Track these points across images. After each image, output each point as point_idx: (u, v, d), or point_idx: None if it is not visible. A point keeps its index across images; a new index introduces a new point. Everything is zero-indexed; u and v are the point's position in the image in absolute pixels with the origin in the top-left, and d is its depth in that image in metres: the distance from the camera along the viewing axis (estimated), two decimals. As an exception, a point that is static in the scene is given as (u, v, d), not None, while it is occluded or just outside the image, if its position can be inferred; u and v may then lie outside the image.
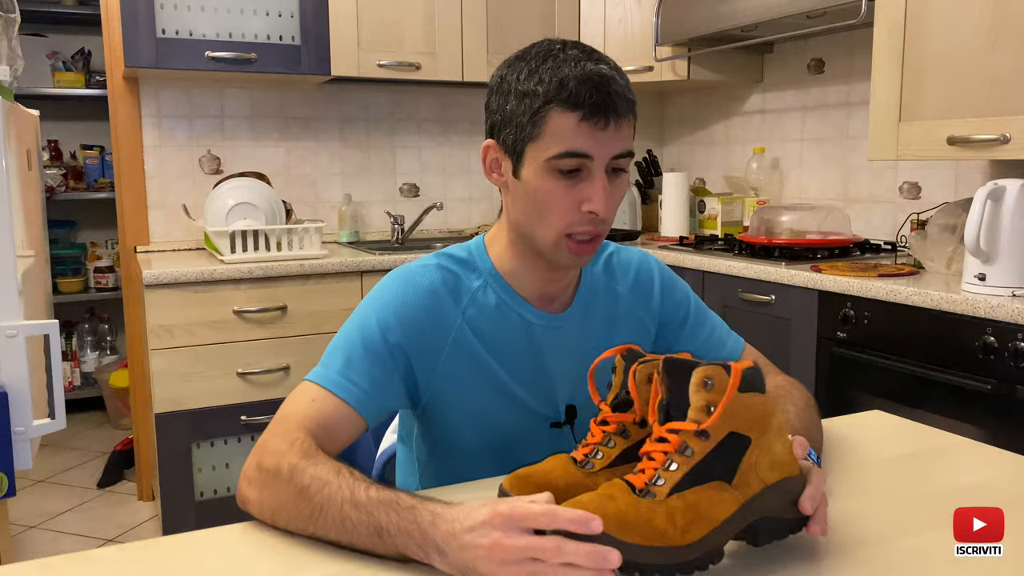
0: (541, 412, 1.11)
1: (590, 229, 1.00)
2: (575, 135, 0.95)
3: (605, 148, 0.96)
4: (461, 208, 3.31)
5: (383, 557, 0.79)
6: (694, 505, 0.74)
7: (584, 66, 0.96)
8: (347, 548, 0.81)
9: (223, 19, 2.57)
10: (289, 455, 0.88)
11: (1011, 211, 1.76)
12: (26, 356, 1.38)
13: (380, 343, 1.01)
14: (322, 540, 0.83)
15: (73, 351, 3.84)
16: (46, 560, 0.82)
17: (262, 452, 0.91)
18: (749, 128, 3.13)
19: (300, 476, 0.85)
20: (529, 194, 1.00)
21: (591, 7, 3.03)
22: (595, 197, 0.97)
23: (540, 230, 1.01)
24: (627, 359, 0.90)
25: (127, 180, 2.80)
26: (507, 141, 1.01)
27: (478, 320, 1.07)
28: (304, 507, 0.83)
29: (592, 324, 1.13)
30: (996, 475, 1.05)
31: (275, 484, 0.86)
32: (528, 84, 0.98)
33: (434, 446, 1.14)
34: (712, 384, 0.76)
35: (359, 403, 0.98)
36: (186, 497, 2.43)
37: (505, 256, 1.09)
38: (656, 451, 0.77)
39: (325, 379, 0.99)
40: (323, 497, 0.82)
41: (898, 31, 2.06)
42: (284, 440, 0.90)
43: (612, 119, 0.95)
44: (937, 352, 1.83)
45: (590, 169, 0.97)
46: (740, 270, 2.34)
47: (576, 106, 0.95)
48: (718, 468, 0.76)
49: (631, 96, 0.98)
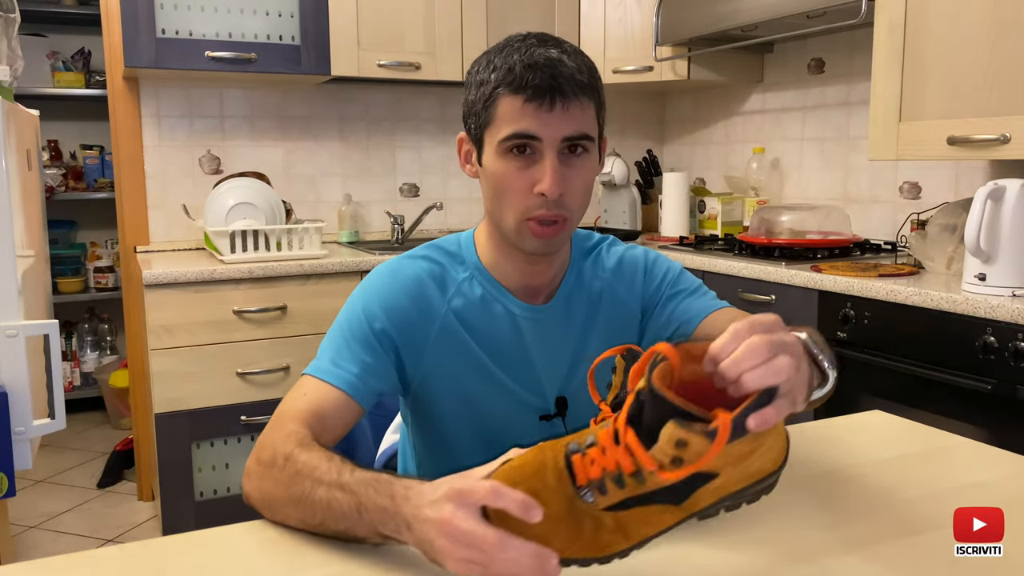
0: (530, 404, 1.12)
1: (545, 213, 1.00)
2: (521, 117, 0.98)
3: (552, 129, 0.98)
4: (461, 208, 3.31)
5: (362, 541, 0.80)
6: (625, 526, 0.69)
7: (533, 51, 0.98)
8: (330, 536, 0.82)
9: (223, 19, 2.57)
10: (284, 445, 0.89)
11: (1011, 211, 1.76)
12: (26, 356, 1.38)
13: (367, 330, 1.04)
14: (311, 529, 0.84)
15: (73, 351, 3.84)
16: (46, 560, 0.82)
17: (260, 447, 0.93)
18: (749, 128, 3.13)
19: (294, 463, 0.86)
20: (489, 179, 1.03)
21: (591, 7, 3.03)
22: (544, 178, 0.98)
23: (503, 215, 1.03)
24: (627, 359, 0.90)
25: (127, 180, 2.80)
26: (471, 130, 1.05)
27: (464, 311, 1.08)
28: (295, 490, 0.84)
29: (574, 314, 1.13)
30: (996, 475, 1.05)
31: (271, 474, 0.88)
32: (484, 74, 1.01)
33: (427, 436, 1.15)
34: (686, 447, 0.64)
35: (351, 387, 1.00)
36: (186, 497, 2.43)
37: (488, 248, 1.11)
38: (612, 453, 0.68)
39: (317, 370, 1.02)
40: (313, 480, 0.83)
41: (898, 31, 2.06)
42: (280, 433, 0.92)
43: (559, 99, 0.97)
44: (937, 352, 1.83)
45: (540, 151, 0.99)
46: (740, 270, 2.34)
47: (520, 88, 0.97)
48: (669, 496, 0.69)
49: (582, 78, 0.98)
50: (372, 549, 0.82)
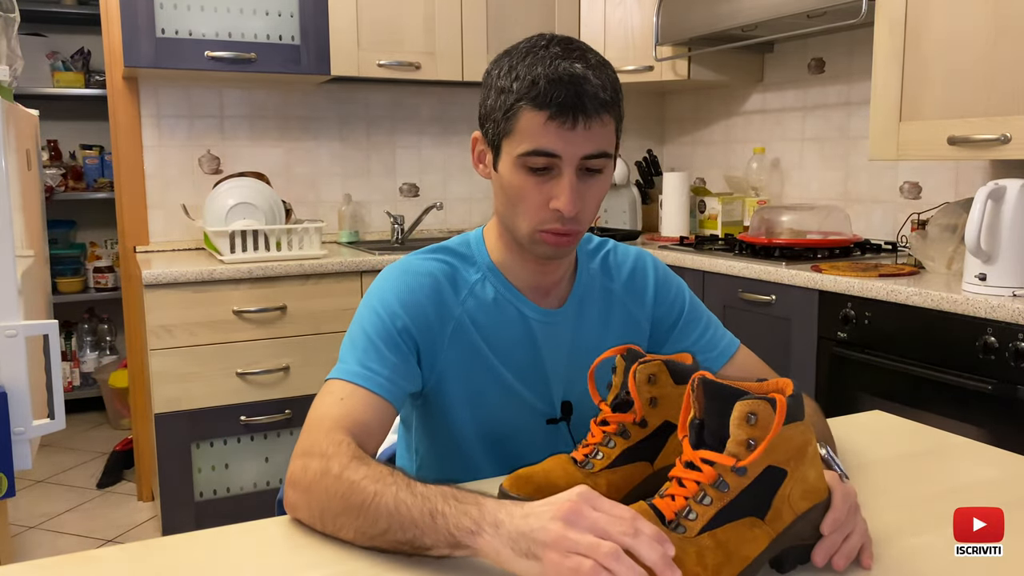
0: (538, 408, 1.11)
1: (558, 228, 1.00)
2: (543, 134, 0.96)
3: (574, 147, 0.97)
4: (461, 208, 3.31)
5: (423, 553, 0.78)
6: (725, 544, 0.72)
7: (558, 65, 0.96)
8: (388, 548, 0.80)
9: (223, 19, 2.57)
10: (339, 456, 0.87)
11: (1012, 211, 1.76)
12: (25, 356, 1.38)
13: (390, 329, 1.02)
14: (367, 542, 0.81)
15: (72, 351, 3.84)
16: (46, 560, 0.82)
17: (307, 456, 0.90)
18: (749, 128, 3.13)
19: (353, 473, 0.84)
20: (504, 188, 1.02)
21: (591, 7, 3.03)
22: (562, 196, 0.98)
23: (516, 223, 1.03)
24: (627, 359, 0.90)
25: (127, 180, 2.80)
26: (488, 134, 1.04)
27: (477, 312, 1.08)
28: (356, 499, 0.81)
29: (587, 321, 1.13)
30: (996, 475, 1.05)
31: (324, 482, 0.85)
32: (505, 81, 0.99)
33: (434, 437, 1.14)
34: (756, 420, 0.72)
35: (385, 390, 0.99)
36: (186, 497, 2.43)
37: (499, 248, 1.10)
38: (688, 479, 0.74)
39: (348, 373, 0.99)
40: (379, 487, 0.81)
41: (898, 31, 2.06)
42: (329, 443, 0.90)
43: (581, 119, 0.95)
44: (937, 352, 1.83)
45: (560, 168, 0.98)
46: (740, 270, 2.33)
47: (544, 105, 0.95)
48: (752, 503, 0.73)
49: (606, 96, 0.97)
50: (373, 551, 0.81)
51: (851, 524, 0.79)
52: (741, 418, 0.72)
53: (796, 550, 0.78)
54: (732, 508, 0.72)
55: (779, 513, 0.74)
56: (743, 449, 0.72)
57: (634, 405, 0.87)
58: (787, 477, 0.75)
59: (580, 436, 1.10)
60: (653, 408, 0.88)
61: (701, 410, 0.75)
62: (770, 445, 0.72)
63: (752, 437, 0.72)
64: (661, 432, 0.90)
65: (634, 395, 0.87)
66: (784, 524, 0.75)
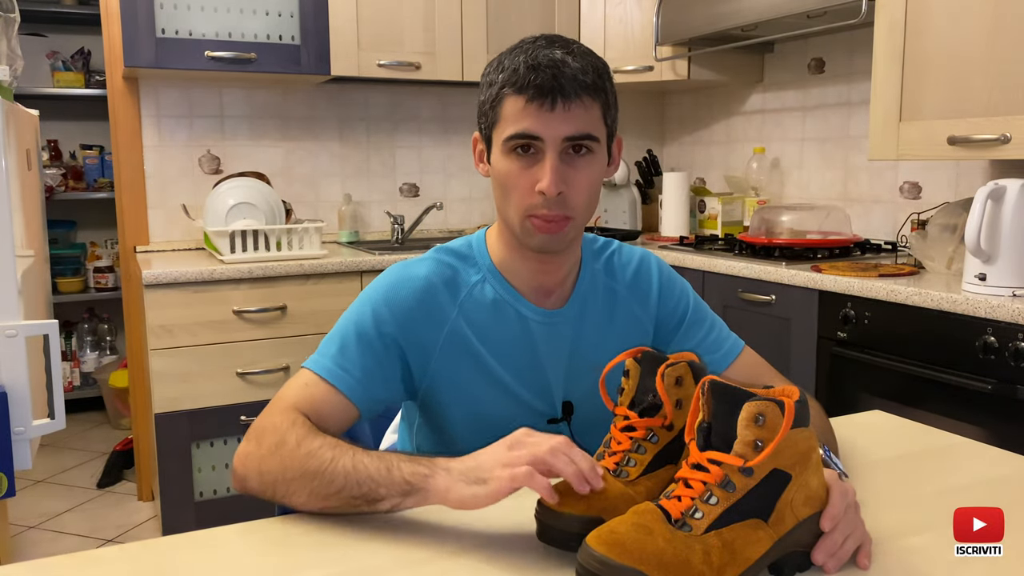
0: (538, 408, 1.11)
1: (545, 212, 1.01)
2: (523, 117, 0.99)
3: (553, 129, 0.98)
4: (461, 208, 3.31)
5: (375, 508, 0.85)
6: (730, 544, 0.72)
7: (539, 53, 0.99)
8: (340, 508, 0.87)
9: (223, 19, 2.57)
10: (294, 429, 0.92)
11: (1012, 211, 1.76)
12: (26, 356, 1.38)
13: (374, 333, 1.04)
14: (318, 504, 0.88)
15: (73, 351, 3.84)
16: (46, 560, 0.82)
17: (260, 431, 0.95)
18: (749, 128, 3.13)
19: (310, 443, 0.90)
20: (497, 177, 1.04)
21: (591, 7, 3.03)
22: (544, 177, 0.99)
23: (508, 212, 1.04)
24: (641, 362, 0.89)
25: (127, 180, 2.80)
26: (482, 129, 1.07)
27: (474, 314, 1.08)
28: (312, 464, 0.88)
29: (588, 321, 1.13)
30: (996, 475, 1.05)
31: (279, 453, 0.91)
32: (494, 75, 1.03)
33: (435, 438, 1.15)
34: (764, 421, 0.72)
35: (350, 390, 1.01)
36: (186, 497, 2.43)
37: (500, 248, 1.11)
38: (694, 479, 0.74)
39: (318, 366, 1.02)
40: (335, 452, 0.88)
41: (898, 31, 2.06)
42: (284, 419, 0.95)
43: (560, 100, 0.98)
44: (937, 352, 1.83)
45: (542, 150, 1.00)
46: (740, 270, 2.33)
47: (523, 89, 0.98)
48: (757, 506, 0.74)
49: (586, 79, 0.99)
50: (373, 551, 0.82)
51: (851, 522, 0.79)
52: (749, 419, 0.73)
53: (795, 556, 0.78)
54: (738, 509, 0.73)
55: (782, 517, 0.75)
56: (750, 450, 0.73)
57: (662, 408, 0.87)
58: (791, 482, 0.75)
59: (581, 436, 1.10)
60: (679, 410, 0.88)
61: (709, 413, 0.76)
62: (777, 448, 0.72)
63: (760, 438, 0.72)
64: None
65: (664, 398, 0.86)
66: (786, 529, 0.75)
